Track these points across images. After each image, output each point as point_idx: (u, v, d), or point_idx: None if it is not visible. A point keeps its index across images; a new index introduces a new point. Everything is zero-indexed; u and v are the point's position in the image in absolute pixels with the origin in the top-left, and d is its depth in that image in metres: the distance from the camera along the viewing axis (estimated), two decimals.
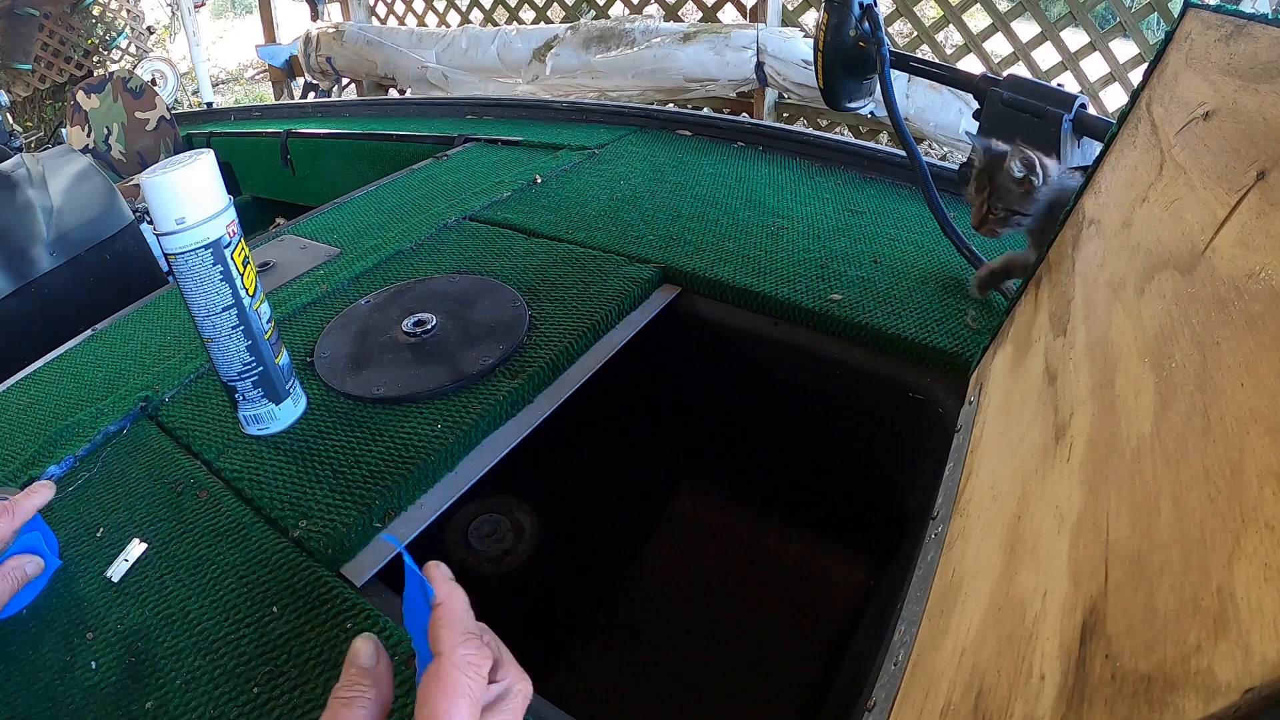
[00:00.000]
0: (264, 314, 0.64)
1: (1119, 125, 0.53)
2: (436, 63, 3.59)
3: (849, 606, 0.85)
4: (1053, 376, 0.44)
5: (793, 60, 2.75)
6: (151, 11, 5.81)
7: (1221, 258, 0.30)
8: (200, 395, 0.74)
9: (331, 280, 0.91)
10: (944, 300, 0.81)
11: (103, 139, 2.26)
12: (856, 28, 0.89)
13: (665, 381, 0.96)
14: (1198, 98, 0.41)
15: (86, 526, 0.60)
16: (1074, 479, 0.33)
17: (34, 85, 4.77)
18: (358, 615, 0.51)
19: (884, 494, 0.83)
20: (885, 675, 0.45)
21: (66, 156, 1.29)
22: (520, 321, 0.79)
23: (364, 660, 0.37)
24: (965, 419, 0.62)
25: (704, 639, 0.86)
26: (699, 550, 0.96)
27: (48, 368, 0.83)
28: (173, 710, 0.46)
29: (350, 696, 0.35)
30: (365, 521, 0.58)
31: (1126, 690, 0.21)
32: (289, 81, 4.46)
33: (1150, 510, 0.26)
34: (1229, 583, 0.20)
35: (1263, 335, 0.25)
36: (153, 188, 0.56)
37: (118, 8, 5.17)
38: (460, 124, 1.61)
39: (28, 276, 1.14)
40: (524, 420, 0.70)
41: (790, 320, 0.82)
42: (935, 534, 0.52)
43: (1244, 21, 0.40)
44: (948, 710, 0.34)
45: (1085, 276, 0.47)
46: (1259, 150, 0.32)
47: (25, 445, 0.69)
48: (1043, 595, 0.30)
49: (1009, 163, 0.66)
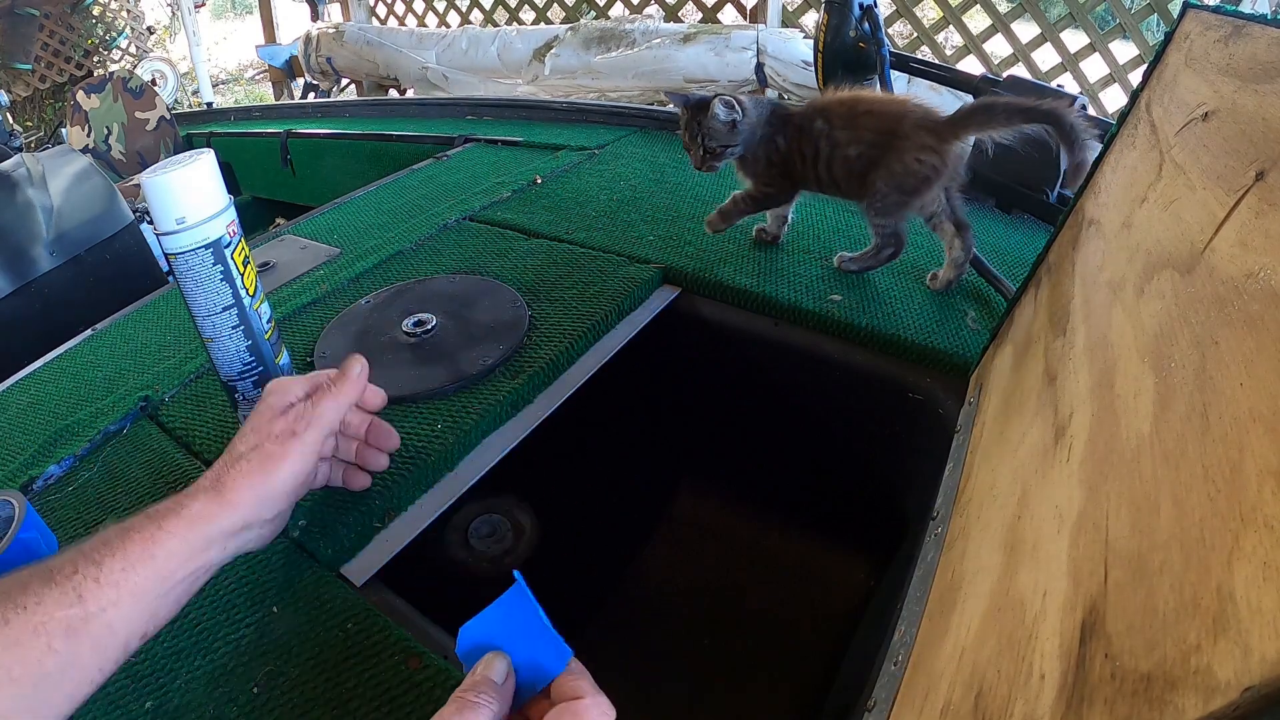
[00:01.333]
0: (264, 314, 0.64)
1: (1118, 126, 0.53)
2: (436, 63, 3.59)
3: (849, 606, 0.85)
4: (1052, 376, 0.44)
5: (793, 61, 2.75)
6: (151, 11, 5.81)
7: (1221, 258, 0.30)
8: (200, 395, 0.74)
9: (331, 280, 0.91)
10: (944, 300, 0.81)
11: (103, 139, 2.26)
12: (857, 29, 0.89)
13: (665, 381, 0.96)
14: (1197, 98, 0.41)
15: (86, 526, 0.60)
16: (1074, 479, 0.33)
17: (34, 85, 4.77)
18: (358, 615, 0.51)
19: (884, 494, 0.83)
20: (885, 675, 0.45)
21: (66, 156, 1.30)
22: (520, 321, 0.79)
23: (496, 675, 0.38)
24: (965, 419, 0.62)
25: (704, 639, 0.86)
26: (699, 550, 0.96)
27: (48, 368, 0.83)
28: (173, 710, 0.46)
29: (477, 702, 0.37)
30: (365, 521, 0.58)
31: (1126, 689, 0.22)
32: (289, 81, 4.46)
33: (1150, 510, 0.26)
34: (1228, 582, 0.20)
35: (1262, 335, 0.25)
36: (153, 187, 0.56)
37: (118, 8, 5.17)
38: (460, 124, 1.62)
39: (28, 276, 1.14)
40: (524, 420, 0.70)
41: (790, 320, 0.82)
42: (935, 534, 0.52)
43: (1243, 22, 0.40)
44: (948, 710, 0.34)
45: (1085, 277, 0.47)
46: (1258, 150, 0.32)
47: (25, 445, 0.69)
48: (1043, 595, 0.30)
49: (714, 107, 0.80)
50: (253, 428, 0.50)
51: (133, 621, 0.43)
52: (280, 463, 0.48)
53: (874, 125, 0.78)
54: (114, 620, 0.42)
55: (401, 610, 0.53)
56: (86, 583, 0.41)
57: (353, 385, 0.54)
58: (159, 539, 0.44)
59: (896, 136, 0.76)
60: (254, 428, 0.50)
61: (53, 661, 0.39)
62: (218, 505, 0.46)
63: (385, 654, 0.48)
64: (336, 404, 0.53)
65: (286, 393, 0.52)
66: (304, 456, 0.50)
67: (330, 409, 0.52)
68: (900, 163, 0.76)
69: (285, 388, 0.53)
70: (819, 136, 0.80)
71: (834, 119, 0.80)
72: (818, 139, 0.81)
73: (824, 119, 0.81)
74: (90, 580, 0.41)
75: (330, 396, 0.52)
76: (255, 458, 0.48)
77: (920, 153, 0.75)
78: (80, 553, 0.43)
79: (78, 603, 0.40)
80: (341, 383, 0.53)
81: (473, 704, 0.36)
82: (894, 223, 0.81)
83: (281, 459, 0.49)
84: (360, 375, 0.55)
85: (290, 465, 0.49)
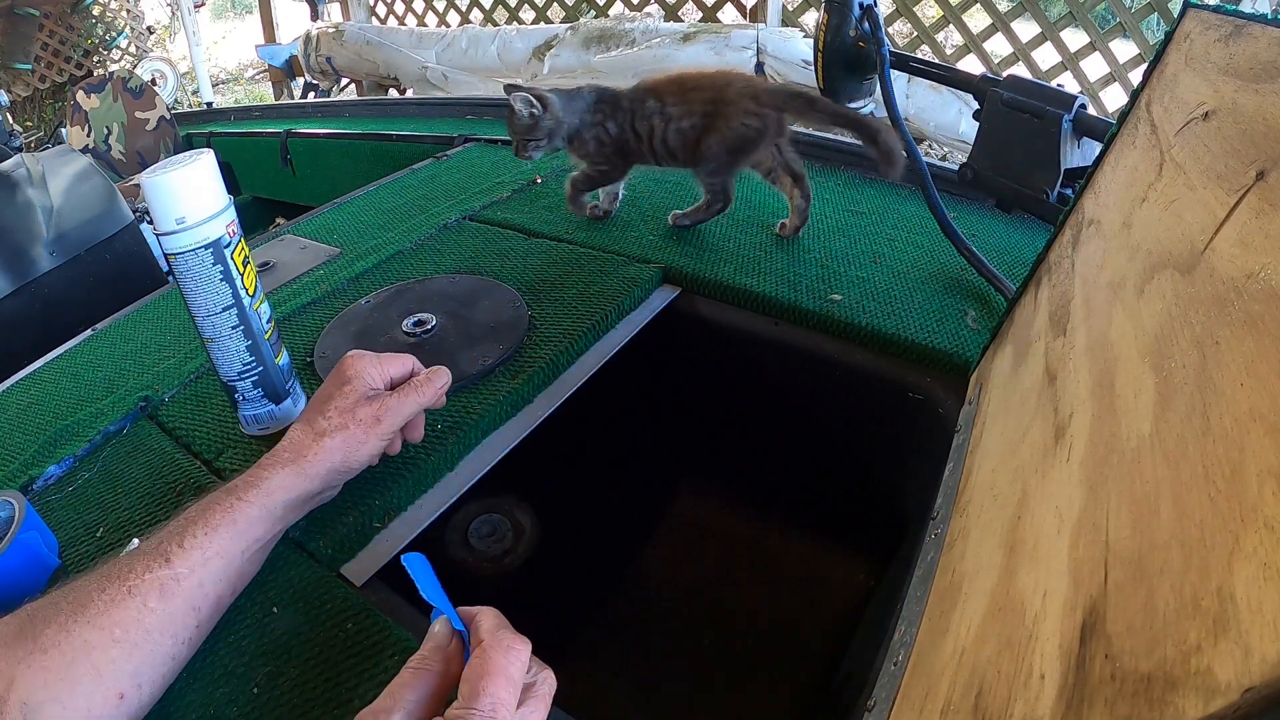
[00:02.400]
0: (264, 314, 0.64)
1: (1119, 125, 0.53)
2: (436, 63, 3.59)
3: (849, 606, 0.85)
4: (1053, 376, 0.44)
5: (793, 60, 2.75)
6: (151, 11, 5.81)
7: (1221, 258, 0.30)
8: (200, 395, 0.74)
9: (331, 280, 0.91)
10: (944, 300, 0.81)
11: (103, 139, 2.26)
12: (856, 28, 0.89)
13: (665, 381, 0.96)
14: (1197, 98, 0.41)
15: (86, 527, 0.60)
16: (1074, 479, 0.33)
17: (34, 85, 4.77)
18: (358, 615, 0.51)
19: (884, 494, 0.83)
20: (885, 675, 0.45)
21: (66, 156, 1.30)
22: (520, 321, 0.79)
23: (439, 639, 0.41)
24: (965, 419, 0.62)
25: (704, 639, 0.86)
26: (699, 550, 0.96)
27: (48, 368, 0.83)
28: (173, 710, 0.46)
29: (418, 669, 0.39)
30: (365, 521, 0.58)
31: (1126, 690, 0.22)
32: (289, 81, 4.46)
33: (1150, 510, 0.26)
34: (1229, 582, 0.20)
35: (1263, 335, 0.25)
36: (153, 187, 0.56)
37: (118, 8, 5.17)
38: (460, 124, 1.61)
39: (28, 276, 1.14)
40: (524, 420, 0.70)
41: (790, 320, 0.82)
42: (935, 534, 0.52)
43: (1243, 22, 0.40)
44: (947, 710, 0.34)
45: (1085, 277, 0.47)
46: (1258, 150, 0.32)
47: (25, 445, 0.69)
48: (1043, 595, 0.30)
49: (513, 104, 0.90)
50: (337, 408, 0.54)
51: (221, 581, 0.48)
52: (362, 446, 0.54)
53: (703, 97, 0.87)
54: (204, 579, 0.46)
55: (401, 610, 0.53)
56: (173, 548, 0.46)
57: (435, 395, 0.59)
58: (239, 508, 0.49)
59: (724, 103, 0.86)
60: (339, 408, 0.54)
61: (152, 620, 0.44)
62: (296, 478, 0.51)
63: (385, 654, 0.48)
64: (418, 406, 0.57)
65: (366, 376, 0.56)
66: (380, 443, 0.55)
67: (412, 409, 0.57)
68: (729, 127, 0.86)
69: (365, 371, 0.56)
70: (652, 114, 0.90)
71: (666, 97, 0.89)
72: (651, 117, 0.90)
73: (655, 98, 0.90)
74: (176, 546, 0.46)
75: (416, 398, 0.57)
76: (340, 437, 0.53)
77: (745, 117, 0.86)
78: (165, 529, 0.48)
79: (165, 565, 0.45)
80: (427, 390, 0.58)
81: (414, 670, 0.39)
82: (723, 180, 0.92)
83: (363, 443, 0.54)
84: (443, 388, 0.59)
85: (369, 449, 0.54)
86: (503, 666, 0.37)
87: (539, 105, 0.90)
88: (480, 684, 0.37)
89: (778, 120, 0.87)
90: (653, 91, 0.90)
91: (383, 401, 0.55)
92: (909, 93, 2.52)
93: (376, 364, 0.57)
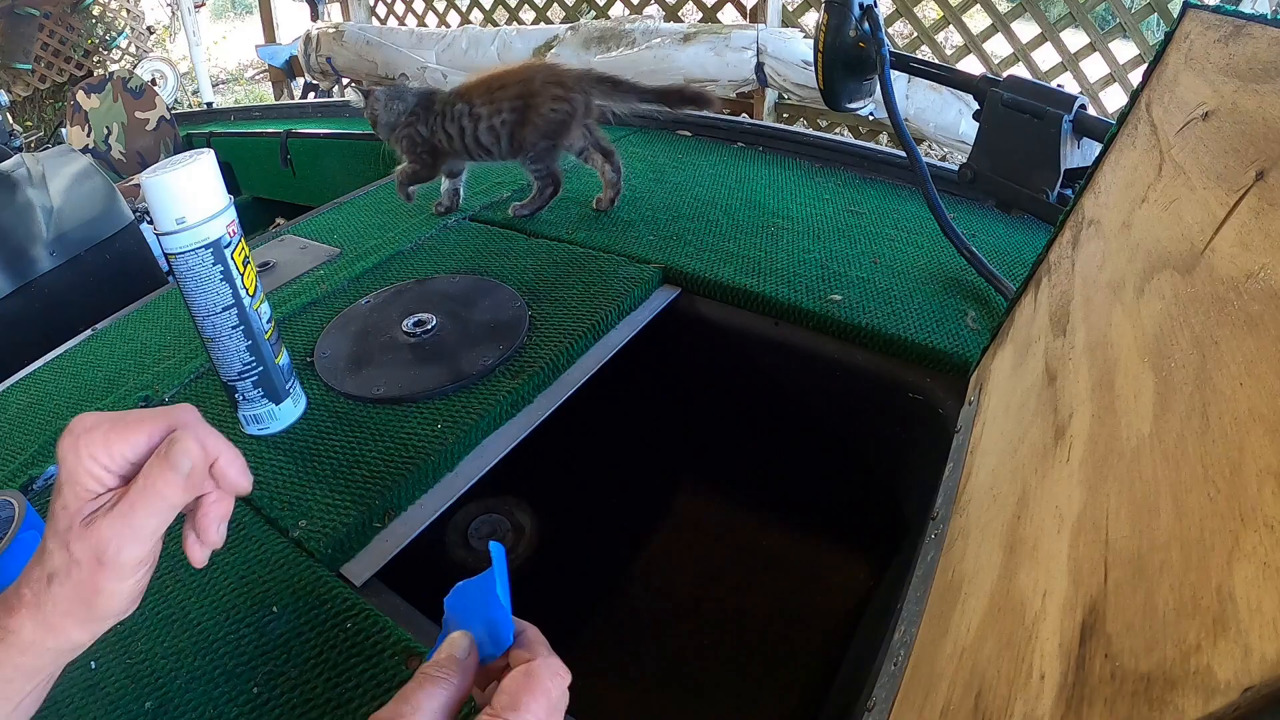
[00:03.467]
0: (264, 314, 0.64)
1: (1119, 126, 0.53)
2: (436, 63, 3.59)
3: (849, 606, 0.85)
4: (1053, 376, 0.44)
5: (793, 61, 2.75)
6: (151, 11, 5.81)
7: (1221, 258, 0.30)
8: (200, 395, 0.74)
9: (331, 280, 0.91)
10: (944, 300, 0.81)
11: (103, 139, 2.26)
12: (856, 28, 0.89)
13: (665, 381, 0.96)
14: (1197, 98, 0.41)
15: None
16: (1074, 479, 0.33)
17: (34, 85, 4.77)
18: (358, 615, 0.51)
19: (884, 494, 0.83)
20: (885, 675, 0.45)
21: (66, 156, 1.30)
22: (520, 321, 0.79)
23: (459, 652, 0.40)
24: (965, 419, 0.62)
25: (704, 639, 0.86)
26: (699, 550, 0.96)
27: (48, 368, 0.83)
28: (173, 710, 0.46)
29: (437, 676, 0.38)
30: (365, 521, 0.58)
31: (1126, 689, 0.22)
32: (289, 81, 4.46)
33: (1150, 510, 0.26)
34: (1228, 582, 0.20)
35: (1262, 335, 0.25)
36: (153, 188, 0.56)
37: (118, 8, 5.17)
38: None
39: (28, 276, 1.15)
40: (524, 420, 0.70)
41: (790, 320, 0.82)
42: (935, 534, 0.52)
43: (1243, 22, 0.40)
44: (947, 710, 0.34)
45: (1085, 277, 0.47)
46: (1258, 150, 0.32)
47: (25, 445, 0.69)
48: (1043, 595, 0.30)
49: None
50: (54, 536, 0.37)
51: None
52: (96, 596, 0.37)
53: (510, 94, 0.93)
54: None
55: (401, 610, 0.53)
56: None
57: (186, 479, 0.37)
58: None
59: (531, 95, 0.93)
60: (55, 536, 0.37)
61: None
62: (45, 632, 0.37)
63: (385, 654, 0.48)
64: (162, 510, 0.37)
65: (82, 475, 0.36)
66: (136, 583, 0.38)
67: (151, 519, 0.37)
68: (540, 115, 0.93)
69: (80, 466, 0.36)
70: (461, 116, 0.95)
71: (474, 99, 0.95)
72: (460, 119, 0.95)
73: (464, 101, 0.96)
74: None
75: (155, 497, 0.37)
76: (69, 586, 0.37)
77: (553, 103, 0.92)
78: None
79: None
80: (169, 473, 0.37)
81: (434, 678, 0.38)
82: (548, 165, 0.98)
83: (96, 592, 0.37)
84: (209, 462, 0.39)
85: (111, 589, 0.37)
86: (548, 689, 0.37)
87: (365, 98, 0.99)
88: (522, 698, 0.36)
89: (585, 102, 0.94)
90: (462, 95, 0.96)
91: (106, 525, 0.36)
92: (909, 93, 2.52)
93: (103, 443, 0.36)
